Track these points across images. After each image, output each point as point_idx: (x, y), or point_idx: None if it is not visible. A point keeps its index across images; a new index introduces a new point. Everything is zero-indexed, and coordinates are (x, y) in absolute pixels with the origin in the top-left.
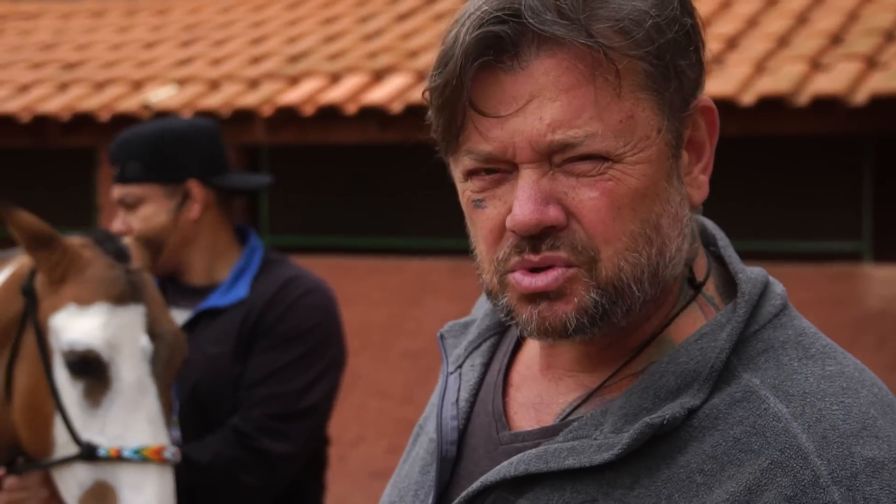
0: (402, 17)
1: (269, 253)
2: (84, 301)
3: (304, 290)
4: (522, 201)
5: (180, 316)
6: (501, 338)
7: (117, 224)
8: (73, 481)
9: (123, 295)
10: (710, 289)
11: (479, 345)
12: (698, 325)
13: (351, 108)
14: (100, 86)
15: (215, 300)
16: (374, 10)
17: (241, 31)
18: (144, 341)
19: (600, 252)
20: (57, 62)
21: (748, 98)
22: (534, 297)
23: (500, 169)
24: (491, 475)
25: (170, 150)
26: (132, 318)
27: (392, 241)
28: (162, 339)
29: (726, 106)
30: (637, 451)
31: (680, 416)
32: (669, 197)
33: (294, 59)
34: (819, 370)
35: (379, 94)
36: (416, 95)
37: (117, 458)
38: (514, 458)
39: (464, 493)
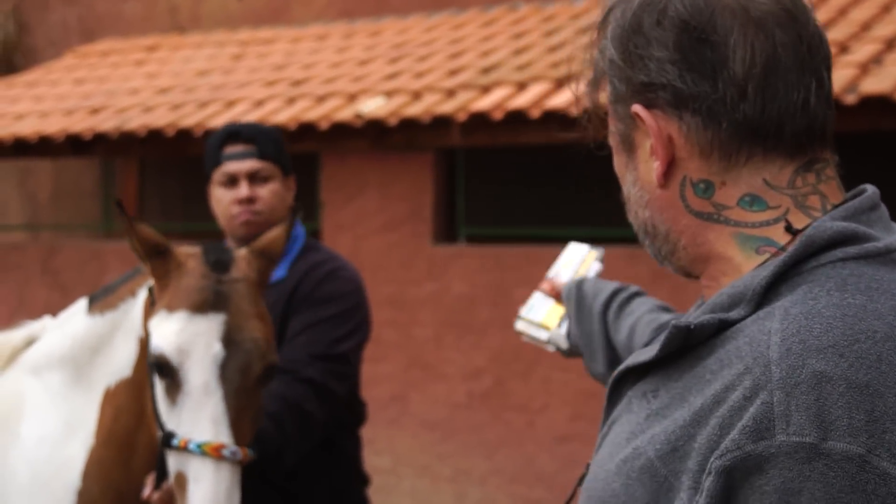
0: (584, 30)
1: (308, 241)
2: (171, 308)
3: (337, 266)
4: None
5: None
6: None
7: (243, 191)
8: (169, 469)
9: (204, 304)
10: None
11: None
12: None
13: (535, 113)
14: (321, 99)
15: None
16: (559, 24)
17: (441, 47)
18: (217, 348)
19: None
20: (287, 80)
21: None
22: None
23: None
24: (618, 369)
25: (283, 146)
26: (208, 326)
27: (573, 230)
28: (238, 346)
29: (883, 103)
30: (685, 354)
31: (709, 324)
32: (626, 179)
33: (486, 70)
34: (837, 300)
35: (561, 100)
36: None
37: (185, 450)
38: (629, 358)
39: (612, 377)
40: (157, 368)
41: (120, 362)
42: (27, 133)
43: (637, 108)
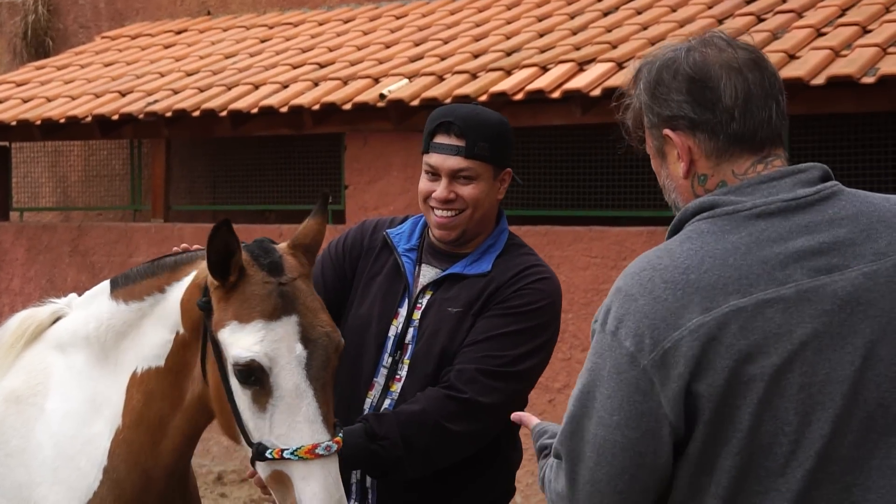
0: (606, 13)
1: (513, 237)
2: (243, 319)
3: (542, 276)
4: None
5: (430, 272)
6: None
7: (442, 191)
8: (259, 469)
9: (276, 309)
10: None
11: None
12: None
13: (556, 94)
14: (346, 81)
15: (460, 268)
16: (582, 6)
17: (465, 29)
18: (299, 349)
19: None
20: (312, 62)
21: None
22: None
23: None
24: None
25: (507, 140)
26: (286, 330)
27: (594, 211)
28: (315, 343)
29: None
30: None
31: None
32: (662, 174)
33: (509, 52)
34: (670, 244)
35: (581, 81)
36: (615, 81)
37: (280, 458)
38: None
39: None
40: (243, 377)
41: (149, 350)
42: (56, 115)
43: (667, 131)
